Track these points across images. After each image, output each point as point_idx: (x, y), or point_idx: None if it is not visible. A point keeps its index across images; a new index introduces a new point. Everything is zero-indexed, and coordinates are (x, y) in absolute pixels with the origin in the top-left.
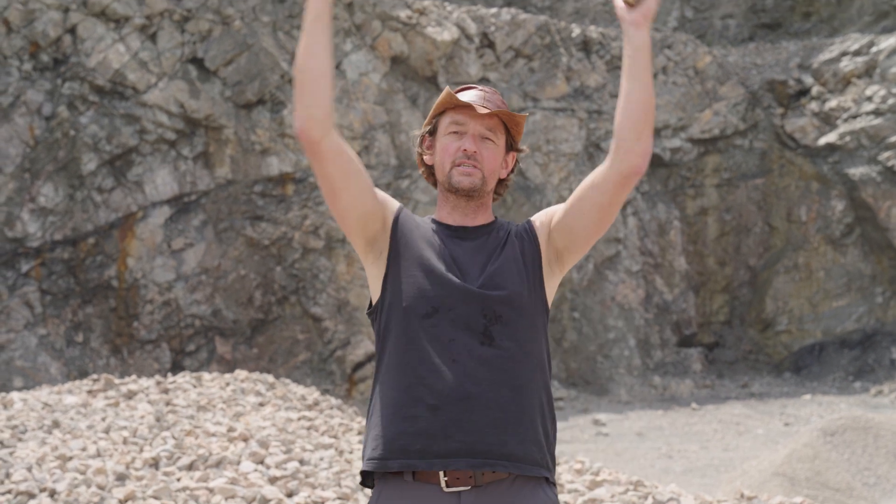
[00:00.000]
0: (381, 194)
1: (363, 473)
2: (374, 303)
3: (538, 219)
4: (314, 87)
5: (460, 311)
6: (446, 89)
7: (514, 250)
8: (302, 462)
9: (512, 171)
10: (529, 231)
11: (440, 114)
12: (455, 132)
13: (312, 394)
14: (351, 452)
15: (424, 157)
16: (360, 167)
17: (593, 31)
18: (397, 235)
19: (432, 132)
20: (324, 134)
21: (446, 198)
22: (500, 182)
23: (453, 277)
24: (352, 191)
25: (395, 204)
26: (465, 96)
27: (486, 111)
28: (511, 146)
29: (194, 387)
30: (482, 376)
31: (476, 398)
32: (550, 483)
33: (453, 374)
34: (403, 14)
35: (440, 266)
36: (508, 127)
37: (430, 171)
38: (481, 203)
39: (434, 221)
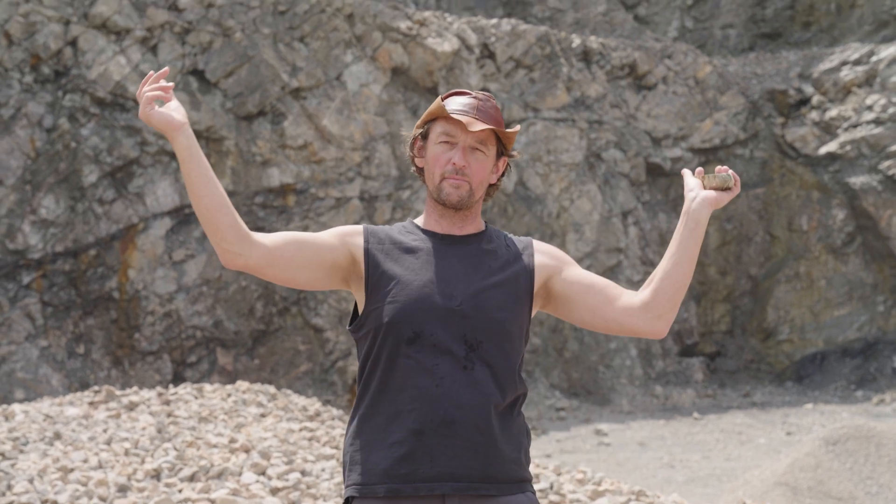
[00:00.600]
0: (335, 237)
1: (347, 500)
2: (356, 322)
3: (544, 255)
4: (215, 222)
5: (442, 336)
6: (438, 100)
7: (504, 271)
8: (304, 473)
9: (502, 175)
10: (529, 259)
11: (432, 119)
12: (446, 142)
13: (314, 405)
14: None
15: (416, 160)
16: (298, 242)
17: (594, 42)
18: (370, 265)
19: (424, 136)
20: (246, 255)
21: (434, 206)
22: (490, 185)
23: (436, 298)
24: (304, 272)
25: (356, 236)
26: (457, 104)
27: (478, 128)
28: (502, 153)
29: (196, 398)
30: (465, 400)
31: (459, 423)
32: (528, 490)
33: (437, 399)
34: (404, 25)
35: (423, 285)
36: (500, 136)
37: (422, 172)
38: (469, 212)
39: (419, 227)
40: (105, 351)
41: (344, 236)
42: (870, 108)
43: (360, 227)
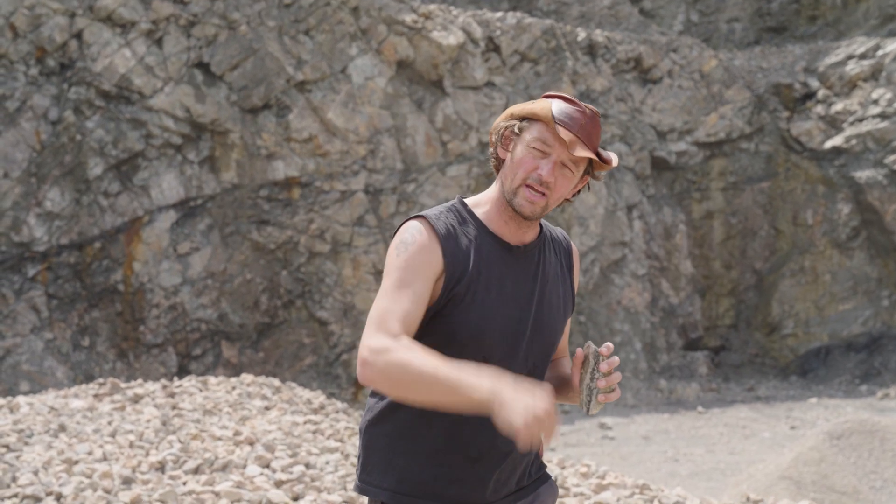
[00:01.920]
0: (427, 278)
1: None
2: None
3: (577, 270)
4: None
5: (509, 363)
6: (546, 100)
7: (557, 287)
8: (308, 466)
9: (578, 192)
10: (569, 271)
11: (533, 117)
12: (539, 149)
13: (318, 397)
14: (357, 456)
15: (498, 150)
16: (415, 316)
17: (599, 35)
18: (450, 277)
19: (518, 130)
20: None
21: (504, 207)
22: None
23: (507, 321)
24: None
25: (435, 258)
26: (564, 114)
27: (579, 154)
28: (587, 171)
29: (200, 391)
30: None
31: (511, 453)
32: (549, 476)
33: (494, 427)
34: (409, 18)
35: (495, 307)
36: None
37: (499, 162)
38: (536, 221)
39: (485, 229)
40: (110, 343)
41: (428, 264)
42: (875, 102)
43: (431, 233)
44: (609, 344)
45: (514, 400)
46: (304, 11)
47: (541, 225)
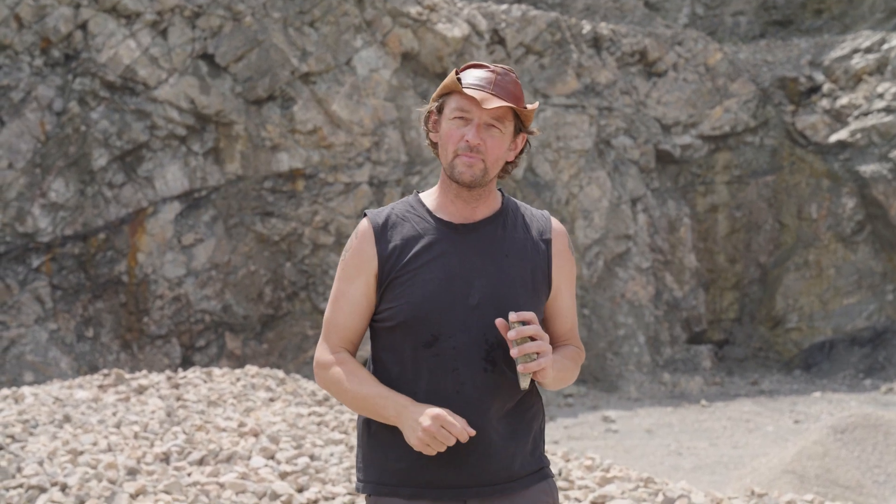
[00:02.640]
0: (358, 282)
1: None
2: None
3: (561, 258)
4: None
5: (461, 338)
6: (453, 73)
7: (522, 261)
8: (312, 457)
9: (521, 152)
10: (546, 246)
11: (447, 93)
12: (460, 118)
13: (322, 389)
14: None
15: (430, 135)
16: (355, 326)
17: (604, 28)
18: (383, 268)
19: (439, 110)
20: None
21: (449, 184)
22: (508, 162)
23: (454, 297)
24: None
25: (369, 253)
26: (473, 78)
27: (493, 105)
28: (520, 129)
29: (205, 382)
30: (487, 405)
31: (481, 429)
32: (548, 476)
33: (458, 405)
34: (414, 10)
35: (439, 283)
36: (518, 113)
37: (437, 147)
38: (484, 190)
39: (432, 215)
40: (114, 334)
41: (361, 267)
42: (881, 96)
43: (367, 231)
44: (513, 314)
45: (406, 426)
46: (308, 3)
47: (505, 203)
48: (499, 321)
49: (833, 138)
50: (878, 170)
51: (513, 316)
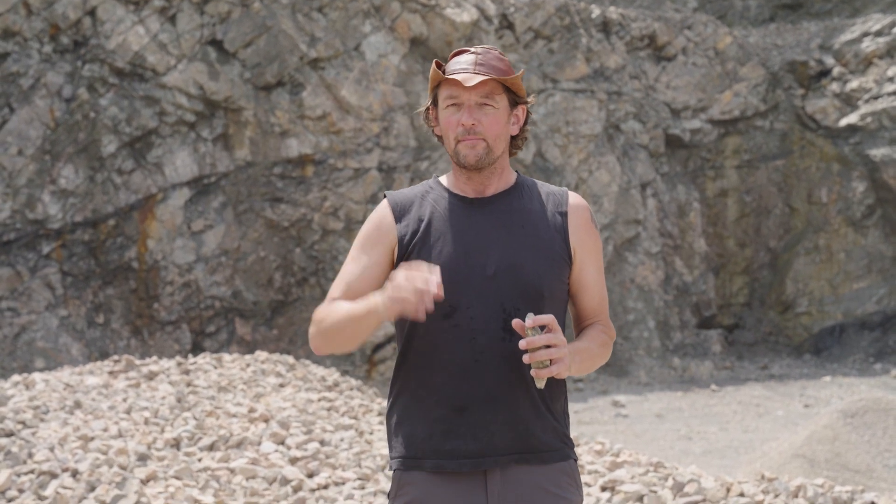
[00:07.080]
0: (375, 253)
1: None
2: None
3: (581, 228)
4: (342, 349)
5: (479, 309)
6: (433, 65)
7: (539, 231)
8: (322, 443)
9: (525, 122)
10: (563, 218)
11: (437, 85)
12: (452, 104)
13: (332, 375)
14: (371, 433)
15: (435, 130)
16: (367, 272)
17: (613, 12)
18: (402, 244)
19: (435, 103)
20: None
21: (459, 170)
22: (516, 137)
23: (470, 268)
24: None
25: (387, 227)
26: (455, 64)
27: (474, 82)
28: (516, 102)
29: (215, 368)
30: (505, 375)
31: (500, 399)
32: (570, 457)
33: (477, 374)
34: None
35: (456, 256)
36: (507, 85)
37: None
38: (494, 169)
39: (448, 192)
40: (124, 321)
41: (379, 241)
42: (891, 79)
43: (386, 207)
44: (531, 317)
45: (379, 303)
46: None
47: (520, 180)
48: (515, 322)
49: (843, 122)
50: (888, 153)
51: (529, 321)
